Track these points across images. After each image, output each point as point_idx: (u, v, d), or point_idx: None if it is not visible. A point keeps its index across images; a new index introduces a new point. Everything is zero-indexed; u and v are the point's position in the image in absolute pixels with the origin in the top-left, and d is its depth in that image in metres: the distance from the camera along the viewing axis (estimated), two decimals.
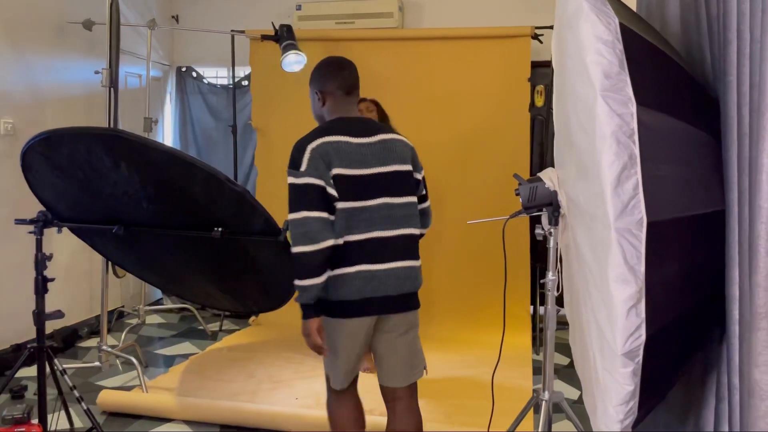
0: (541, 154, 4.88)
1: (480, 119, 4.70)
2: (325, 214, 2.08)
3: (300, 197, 2.09)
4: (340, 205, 2.11)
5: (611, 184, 1.46)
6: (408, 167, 2.25)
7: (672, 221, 1.54)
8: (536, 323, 4.59)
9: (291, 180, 2.12)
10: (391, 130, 2.31)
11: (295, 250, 2.06)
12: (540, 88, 4.99)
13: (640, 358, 1.51)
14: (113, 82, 3.62)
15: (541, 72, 4.84)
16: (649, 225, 1.47)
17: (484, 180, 4.66)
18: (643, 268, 1.46)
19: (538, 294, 4.63)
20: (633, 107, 1.50)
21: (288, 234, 2.27)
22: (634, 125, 1.48)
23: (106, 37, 3.73)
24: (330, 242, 2.06)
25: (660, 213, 1.50)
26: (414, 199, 2.27)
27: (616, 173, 1.46)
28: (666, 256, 1.52)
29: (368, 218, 2.15)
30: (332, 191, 2.10)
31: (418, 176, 2.32)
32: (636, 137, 1.48)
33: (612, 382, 1.55)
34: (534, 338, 4.52)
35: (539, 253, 4.71)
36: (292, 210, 2.11)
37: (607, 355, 1.55)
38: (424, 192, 2.35)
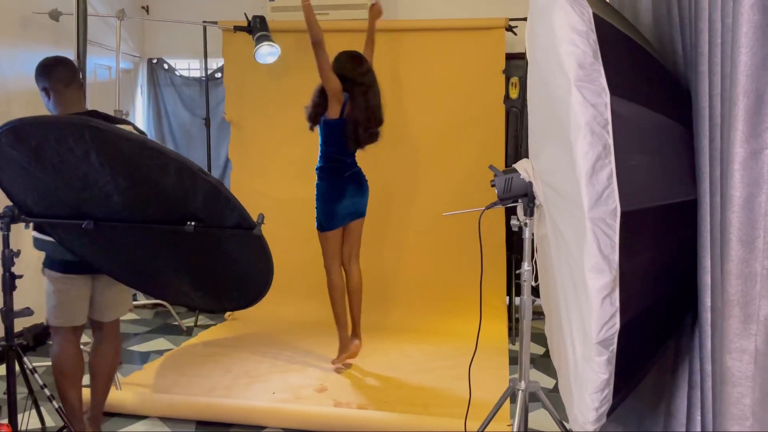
0: (516, 146, 4.90)
1: (455, 111, 4.70)
2: None
3: None
4: None
5: (586, 174, 1.46)
6: None
7: (645, 210, 1.55)
8: (512, 313, 4.63)
9: None
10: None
11: None
12: (514, 80, 5.00)
13: (615, 346, 1.52)
14: (81, 73, 3.53)
15: (516, 64, 4.85)
16: (623, 214, 1.48)
17: (459, 172, 4.66)
18: (617, 258, 1.47)
19: (513, 284, 4.66)
20: (607, 97, 1.50)
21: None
22: (608, 115, 1.49)
23: (74, 27, 3.65)
24: None
25: (634, 203, 1.51)
26: None
27: (590, 163, 1.46)
28: (640, 245, 1.54)
29: None
30: None
31: None
32: (610, 127, 1.48)
33: (588, 370, 1.56)
34: (510, 328, 4.55)
35: (515, 244, 4.74)
36: None
37: (585, 344, 1.56)
38: None
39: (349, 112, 3.57)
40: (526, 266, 2.17)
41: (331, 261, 3.74)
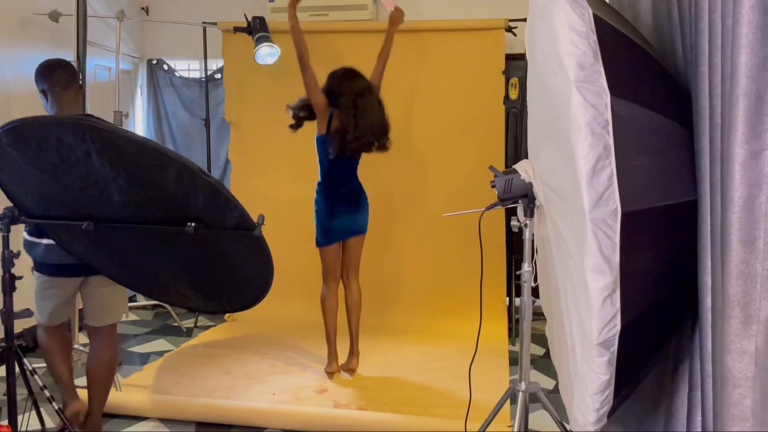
0: (516, 147, 4.90)
1: (454, 112, 4.70)
2: None
3: None
4: None
5: (586, 175, 1.46)
6: None
7: (646, 211, 1.55)
8: (512, 314, 4.62)
9: None
10: None
11: None
12: (514, 80, 5.00)
13: (616, 347, 1.52)
14: (81, 74, 3.53)
15: (515, 65, 4.86)
16: (624, 215, 1.48)
17: (459, 172, 4.66)
18: (617, 258, 1.47)
19: (513, 285, 4.66)
20: (607, 98, 1.50)
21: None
22: (609, 116, 1.49)
23: (74, 28, 3.65)
24: None
25: (634, 203, 1.51)
26: None
27: (591, 164, 1.46)
28: (640, 245, 1.54)
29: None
30: None
31: None
32: (610, 128, 1.48)
33: (588, 371, 1.56)
34: (510, 329, 4.55)
35: (514, 245, 4.74)
36: None
37: (585, 345, 1.56)
38: None
39: (335, 125, 3.53)
40: (526, 267, 2.17)
41: (327, 275, 3.72)
